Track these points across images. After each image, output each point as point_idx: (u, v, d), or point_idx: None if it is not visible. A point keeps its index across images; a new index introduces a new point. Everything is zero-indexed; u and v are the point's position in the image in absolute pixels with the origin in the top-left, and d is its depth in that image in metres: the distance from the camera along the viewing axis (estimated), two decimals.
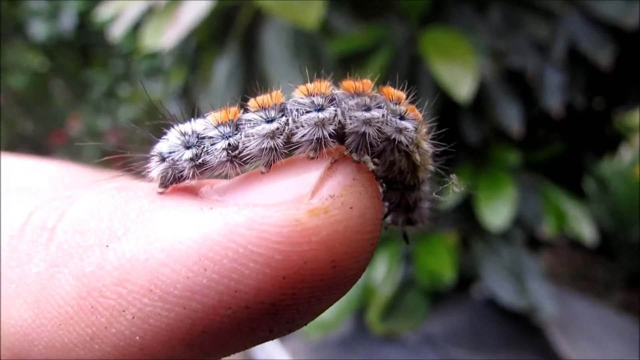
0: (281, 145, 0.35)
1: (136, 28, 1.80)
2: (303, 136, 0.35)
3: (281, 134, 0.36)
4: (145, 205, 0.32)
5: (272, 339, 0.32)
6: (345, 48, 1.45)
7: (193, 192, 0.34)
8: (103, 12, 1.77)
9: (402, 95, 0.38)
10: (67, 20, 3.61)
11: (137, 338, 0.29)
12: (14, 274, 0.33)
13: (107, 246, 0.30)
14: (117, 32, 1.68)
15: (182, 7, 1.43)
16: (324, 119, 0.35)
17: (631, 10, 1.49)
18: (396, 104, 0.37)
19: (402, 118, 0.37)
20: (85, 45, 4.34)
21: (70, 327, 0.30)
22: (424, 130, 0.39)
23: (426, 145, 0.39)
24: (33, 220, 0.34)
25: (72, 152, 4.38)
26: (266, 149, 0.35)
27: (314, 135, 0.35)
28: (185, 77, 1.95)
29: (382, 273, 1.74)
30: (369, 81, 0.37)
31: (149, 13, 1.62)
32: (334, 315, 1.75)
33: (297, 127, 0.36)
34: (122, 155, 0.39)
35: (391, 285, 1.72)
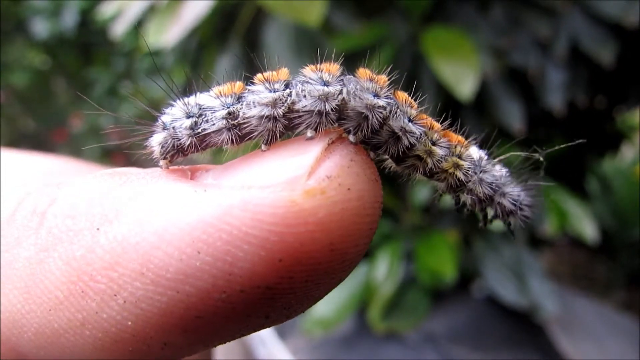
0: (281, 114, 0.35)
1: (138, 26, 1.80)
2: (304, 106, 0.35)
3: (283, 104, 0.35)
4: (138, 188, 0.31)
5: (269, 326, 0.31)
6: (347, 46, 1.45)
7: (188, 176, 0.33)
8: (105, 11, 1.77)
9: (414, 103, 0.38)
10: (69, 19, 3.61)
11: (129, 323, 0.28)
12: (4, 259, 0.32)
13: (98, 229, 0.29)
14: (119, 30, 1.68)
15: (184, 5, 1.43)
16: (328, 92, 0.35)
17: (632, 9, 1.49)
18: (407, 107, 0.37)
19: (410, 121, 0.37)
20: (87, 44, 4.34)
21: (60, 313, 0.30)
22: (436, 136, 0.38)
23: (440, 152, 0.39)
24: (24, 206, 0.33)
25: (73, 150, 4.38)
26: (265, 117, 0.35)
27: (316, 107, 0.34)
28: (187, 75, 1.95)
29: (383, 271, 1.74)
30: (386, 79, 0.37)
31: (150, 11, 1.62)
32: (335, 313, 1.75)
33: (299, 99, 0.35)
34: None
35: (392, 283, 1.72)
